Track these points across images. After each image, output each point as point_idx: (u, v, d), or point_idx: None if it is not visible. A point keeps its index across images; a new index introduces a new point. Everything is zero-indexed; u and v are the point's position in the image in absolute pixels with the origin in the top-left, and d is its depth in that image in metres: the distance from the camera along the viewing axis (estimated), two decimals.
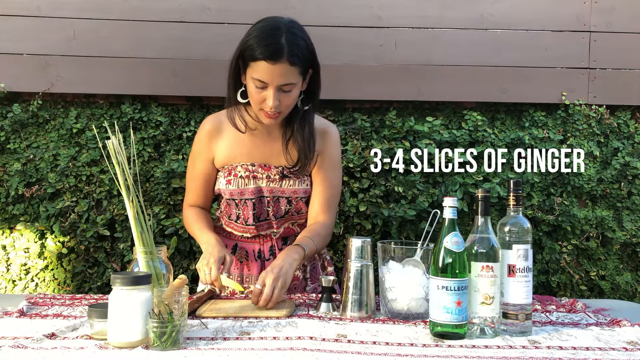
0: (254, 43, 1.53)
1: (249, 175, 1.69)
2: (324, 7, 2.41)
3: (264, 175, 1.70)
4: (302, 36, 1.58)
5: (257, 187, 1.70)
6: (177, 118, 2.40)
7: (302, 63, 1.55)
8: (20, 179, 2.33)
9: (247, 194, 1.70)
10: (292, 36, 1.54)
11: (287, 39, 1.52)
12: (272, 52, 1.50)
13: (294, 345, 1.18)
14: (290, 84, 1.55)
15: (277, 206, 1.72)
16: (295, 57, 1.52)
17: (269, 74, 1.52)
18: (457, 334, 1.25)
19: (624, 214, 2.47)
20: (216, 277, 1.49)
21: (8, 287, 2.38)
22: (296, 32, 1.56)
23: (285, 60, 1.51)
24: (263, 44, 1.51)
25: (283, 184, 1.71)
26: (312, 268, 1.82)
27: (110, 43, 2.36)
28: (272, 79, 1.52)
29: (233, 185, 1.69)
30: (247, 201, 1.70)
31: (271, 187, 1.70)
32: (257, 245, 1.76)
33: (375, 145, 2.37)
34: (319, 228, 1.72)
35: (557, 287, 2.45)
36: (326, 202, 1.75)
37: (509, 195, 1.34)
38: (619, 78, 2.48)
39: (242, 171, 1.70)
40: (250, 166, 1.70)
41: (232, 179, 1.70)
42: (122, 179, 1.31)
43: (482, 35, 2.45)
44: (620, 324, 1.38)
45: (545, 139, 2.44)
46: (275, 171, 1.71)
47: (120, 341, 1.16)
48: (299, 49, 1.53)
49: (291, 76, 1.54)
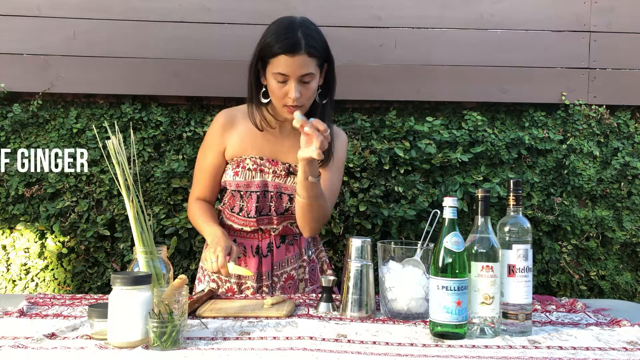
0: (272, 40, 1.59)
1: (256, 169, 1.73)
2: (324, 7, 2.41)
3: (271, 170, 1.74)
4: (317, 30, 1.65)
5: (262, 181, 1.73)
6: (177, 118, 2.40)
7: (319, 54, 1.61)
8: (21, 179, 2.33)
9: (252, 186, 1.73)
10: (308, 30, 1.61)
11: (303, 32, 1.59)
12: (291, 45, 1.57)
13: (294, 345, 1.18)
14: (310, 74, 1.60)
15: (279, 202, 1.74)
16: (313, 49, 1.59)
17: (289, 66, 1.57)
18: (457, 334, 1.25)
19: (624, 214, 2.47)
20: (223, 263, 1.51)
21: (8, 287, 2.38)
22: (310, 26, 1.64)
23: (303, 52, 1.57)
24: (281, 39, 1.58)
25: (288, 180, 1.74)
26: (310, 270, 1.83)
27: (110, 43, 2.36)
28: (292, 70, 1.58)
29: (240, 177, 1.73)
30: (252, 194, 1.73)
31: (276, 182, 1.74)
32: (256, 241, 1.77)
33: (375, 145, 2.37)
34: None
35: (557, 287, 2.45)
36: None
37: (509, 195, 1.34)
38: (619, 78, 2.48)
39: (250, 164, 1.74)
40: (258, 160, 1.74)
41: (239, 171, 1.74)
42: (122, 179, 1.32)
43: (482, 35, 2.45)
44: (620, 324, 1.38)
45: (545, 139, 2.44)
46: (282, 167, 1.74)
47: (120, 341, 1.17)
48: (315, 41, 1.60)
49: (310, 67, 1.59)
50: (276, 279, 1.77)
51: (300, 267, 1.81)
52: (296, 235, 1.81)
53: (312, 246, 1.88)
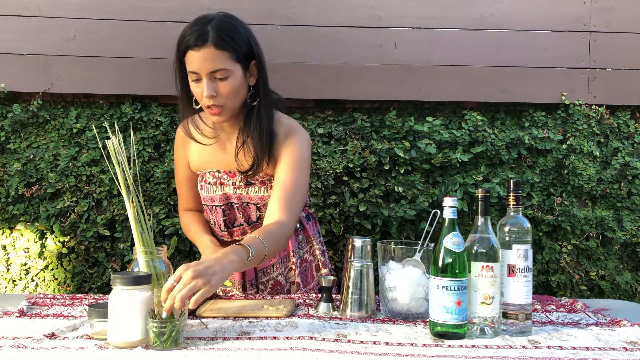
0: (184, 34, 1.51)
1: (216, 182, 1.69)
2: (324, 7, 2.41)
3: (230, 182, 1.68)
4: (234, 23, 1.53)
5: (224, 194, 1.69)
6: (177, 118, 2.40)
7: (233, 48, 1.50)
8: (20, 179, 2.33)
9: (216, 200, 1.69)
10: (221, 22, 1.50)
11: (214, 25, 1.49)
12: (197, 37, 1.47)
13: (294, 345, 1.18)
14: (222, 69, 1.49)
15: (247, 212, 1.70)
16: (221, 41, 1.47)
17: (197, 60, 1.48)
18: (457, 334, 1.25)
19: (624, 214, 2.47)
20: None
21: (8, 287, 2.38)
22: (226, 19, 1.53)
23: (210, 44, 1.47)
24: (189, 33, 1.49)
25: (249, 190, 1.68)
26: (302, 271, 1.78)
27: (110, 43, 2.36)
28: (200, 65, 1.48)
29: (204, 191, 1.70)
30: (216, 208, 1.70)
31: (238, 193, 1.68)
32: None
33: (375, 145, 2.37)
34: (272, 227, 1.50)
35: (557, 287, 2.45)
36: (285, 199, 1.57)
37: (509, 195, 1.34)
38: (619, 78, 2.48)
39: (210, 178, 1.69)
40: (216, 173, 1.69)
41: (203, 185, 1.70)
42: (122, 179, 1.31)
43: (482, 35, 2.45)
44: (620, 324, 1.38)
45: (545, 139, 2.44)
46: (240, 177, 1.67)
47: (120, 341, 1.17)
48: (227, 33, 1.49)
49: (220, 62, 1.48)
50: (262, 286, 1.73)
51: (290, 271, 1.76)
52: None
53: (305, 244, 1.81)
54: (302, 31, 2.42)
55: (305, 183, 1.64)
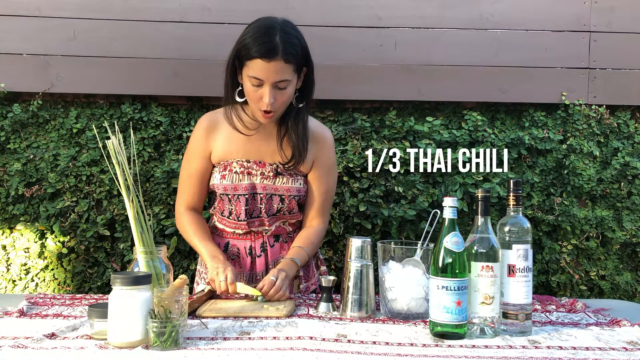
0: (250, 42, 1.57)
1: (243, 172, 1.72)
2: (324, 7, 2.41)
3: (258, 172, 1.72)
4: (296, 35, 1.62)
5: (250, 184, 1.72)
6: (177, 118, 2.40)
7: (296, 61, 1.59)
8: (21, 179, 2.33)
9: (240, 189, 1.71)
10: (286, 35, 1.58)
11: (282, 38, 1.56)
12: (267, 50, 1.54)
13: (294, 345, 1.18)
14: (285, 80, 1.58)
15: (269, 203, 1.73)
16: (289, 55, 1.56)
17: (265, 71, 1.55)
18: (457, 334, 1.25)
19: (624, 214, 2.47)
20: (232, 280, 1.53)
21: (8, 287, 2.38)
22: (290, 31, 1.60)
23: (279, 57, 1.55)
24: (258, 43, 1.55)
25: (277, 181, 1.73)
26: (305, 267, 1.82)
27: (110, 43, 2.36)
28: (267, 76, 1.56)
29: (227, 180, 1.71)
30: (240, 197, 1.72)
31: (265, 184, 1.72)
32: (249, 242, 1.77)
33: (375, 145, 2.37)
34: (312, 235, 1.78)
35: (557, 287, 2.45)
36: (321, 206, 1.80)
37: (509, 195, 1.34)
38: (619, 78, 2.48)
39: (237, 167, 1.72)
40: (245, 162, 1.73)
41: (226, 174, 1.72)
42: (122, 179, 1.32)
43: (482, 35, 2.45)
44: (620, 324, 1.38)
45: (545, 139, 2.44)
46: (270, 168, 1.73)
47: (120, 341, 1.17)
48: (293, 47, 1.57)
49: (286, 73, 1.57)
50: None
51: None
52: (290, 233, 1.81)
53: None
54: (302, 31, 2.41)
55: (335, 186, 1.86)
